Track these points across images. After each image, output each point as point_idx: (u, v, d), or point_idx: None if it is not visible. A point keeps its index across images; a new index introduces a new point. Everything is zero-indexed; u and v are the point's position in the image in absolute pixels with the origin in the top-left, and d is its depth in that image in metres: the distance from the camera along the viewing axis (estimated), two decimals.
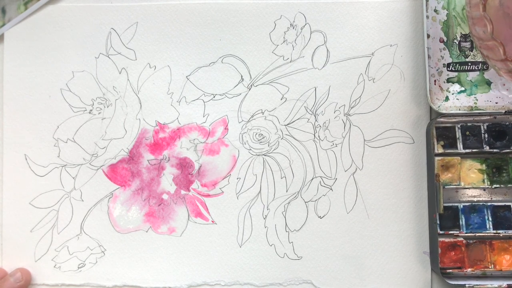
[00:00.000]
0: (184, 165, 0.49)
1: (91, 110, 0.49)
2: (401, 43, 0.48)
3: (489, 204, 0.46)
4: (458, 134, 0.46)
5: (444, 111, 0.46)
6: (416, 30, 0.48)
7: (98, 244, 0.48)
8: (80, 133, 0.49)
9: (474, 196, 0.47)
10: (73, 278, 0.48)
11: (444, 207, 0.46)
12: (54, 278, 0.48)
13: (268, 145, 0.48)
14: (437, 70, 0.47)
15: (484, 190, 0.47)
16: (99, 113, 0.49)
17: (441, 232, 0.46)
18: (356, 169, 0.48)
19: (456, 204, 0.46)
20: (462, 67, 0.47)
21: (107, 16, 0.49)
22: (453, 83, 0.47)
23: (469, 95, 0.47)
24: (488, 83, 0.47)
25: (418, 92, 0.48)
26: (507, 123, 0.47)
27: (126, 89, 0.49)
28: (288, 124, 0.48)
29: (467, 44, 0.47)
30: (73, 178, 0.49)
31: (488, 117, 0.47)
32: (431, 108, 0.47)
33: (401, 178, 0.48)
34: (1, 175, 0.49)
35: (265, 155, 0.48)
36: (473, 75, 0.47)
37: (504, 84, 0.47)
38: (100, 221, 0.48)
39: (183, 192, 0.48)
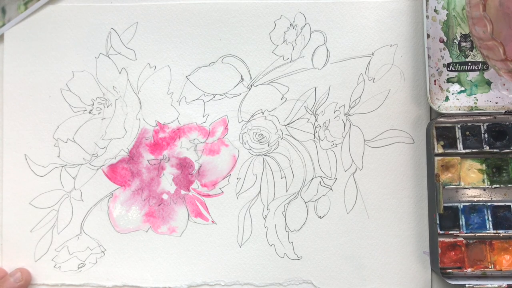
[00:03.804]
0: (184, 165, 0.49)
1: (91, 110, 0.49)
2: (401, 43, 0.48)
3: (489, 204, 0.46)
4: (458, 134, 0.46)
5: (444, 111, 0.46)
6: (416, 30, 0.48)
7: (98, 244, 0.48)
8: (80, 133, 0.49)
9: (474, 196, 0.47)
10: (73, 278, 0.48)
11: (444, 207, 0.46)
12: (54, 278, 0.48)
13: (268, 145, 0.48)
14: (437, 70, 0.47)
15: (484, 190, 0.47)
16: (99, 113, 0.49)
17: (441, 232, 0.46)
18: (356, 169, 0.48)
19: (456, 204, 0.46)
20: (462, 67, 0.47)
21: (107, 16, 0.49)
22: (453, 83, 0.47)
23: (469, 95, 0.47)
24: (488, 83, 0.47)
25: (418, 92, 0.48)
26: (507, 123, 0.47)
27: (126, 89, 0.49)
28: (288, 124, 0.48)
29: (467, 44, 0.47)
30: (73, 178, 0.49)
31: (488, 117, 0.47)
32: (431, 108, 0.47)
33: (401, 178, 0.48)
34: (1, 175, 0.49)
35: (265, 155, 0.48)
36: (473, 75, 0.47)
37: (504, 84, 0.47)
38: (100, 221, 0.48)
39: (183, 192, 0.48)
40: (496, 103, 0.47)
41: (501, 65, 0.40)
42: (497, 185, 0.46)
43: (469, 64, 0.47)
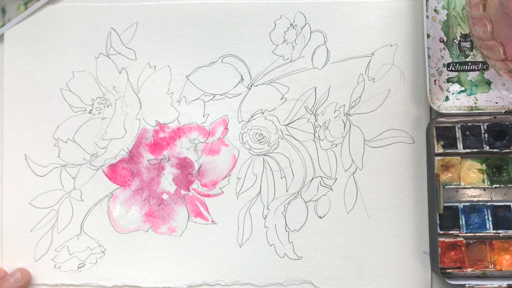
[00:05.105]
0: (184, 165, 0.49)
1: (91, 110, 0.49)
2: (401, 43, 0.48)
3: (489, 204, 0.46)
4: (458, 134, 0.46)
5: (444, 111, 0.46)
6: (416, 30, 0.48)
7: (98, 244, 0.48)
8: (80, 133, 0.49)
9: (474, 196, 0.47)
10: (73, 278, 0.48)
11: (444, 207, 0.46)
12: (54, 278, 0.48)
13: (268, 145, 0.48)
14: (437, 70, 0.47)
15: (484, 190, 0.47)
16: (99, 113, 0.49)
17: (441, 232, 0.46)
18: (356, 169, 0.48)
19: (456, 204, 0.46)
20: (462, 67, 0.47)
21: (107, 16, 0.49)
22: (453, 83, 0.47)
23: (469, 95, 0.47)
24: (488, 83, 0.47)
25: (418, 92, 0.48)
26: (507, 123, 0.47)
27: (126, 89, 0.49)
28: (288, 124, 0.48)
29: (467, 44, 0.47)
30: (73, 178, 0.49)
31: (488, 117, 0.47)
32: (431, 108, 0.47)
33: (401, 178, 0.48)
34: (1, 175, 0.49)
35: (265, 155, 0.48)
36: (473, 75, 0.47)
37: (504, 84, 0.47)
38: (100, 221, 0.48)
39: (183, 192, 0.48)
40: (496, 103, 0.47)
41: (501, 65, 0.40)
42: (497, 185, 0.46)
43: (469, 64, 0.47)
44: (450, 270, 0.46)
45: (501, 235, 0.46)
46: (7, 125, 0.49)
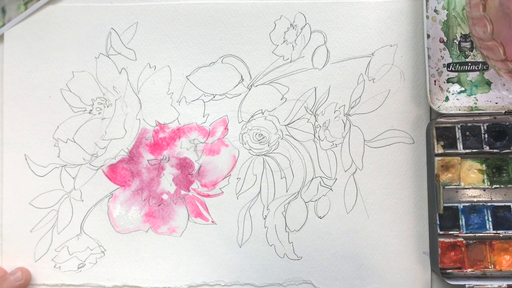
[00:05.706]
0: (184, 165, 0.49)
1: (91, 110, 0.49)
2: (401, 43, 0.48)
3: (489, 204, 0.46)
4: (458, 134, 0.46)
5: (444, 111, 0.46)
6: (416, 30, 0.48)
7: (98, 244, 0.48)
8: (80, 133, 0.49)
9: (474, 196, 0.47)
10: (73, 278, 0.48)
11: (444, 207, 0.46)
12: (54, 278, 0.48)
13: (268, 145, 0.48)
14: (437, 70, 0.47)
15: (484, 190, 0.47)
16: (99, 113, 0.49)
17: (441, 232, 0.46)
18: (356, 169, 0.48)
19: (456, 204, 0.46)
20: (462, 67, 0.47)
21: (107, 16, 0.49)
22: (453, 83, 0.47)
23: (469, 95, 0.47)
24: (488, 83, 0.47)
25: (418, 92, 0.48)
26: (507, 123, 0.47)
27: (126, 89, 0.49)
28: (288, 124, 0.48)
29: (467, 44, 0.47)
30: (73, 178, 0.49)
31: (488, 117, 0.47)
32: (431, 108, 0.47)
33: (401, 178, 0.48)
34: (1, 175, 0.49)
35: (265, 155, 0.48)
36: (473, 75, 0.47)
37: (504, 84, 0.47)
38: (100, 221, 0.48)
39: (183, 192, 0.48)
40: (496, 103, 0.47)
41: (501, 65, 0.40)
42: (497, 185, 0.46)
43: (469, 64, 0.47)
44: (450, 271, 0.46)
45: (501, 235, 0.46)
46: (7, 125, 0.49)
